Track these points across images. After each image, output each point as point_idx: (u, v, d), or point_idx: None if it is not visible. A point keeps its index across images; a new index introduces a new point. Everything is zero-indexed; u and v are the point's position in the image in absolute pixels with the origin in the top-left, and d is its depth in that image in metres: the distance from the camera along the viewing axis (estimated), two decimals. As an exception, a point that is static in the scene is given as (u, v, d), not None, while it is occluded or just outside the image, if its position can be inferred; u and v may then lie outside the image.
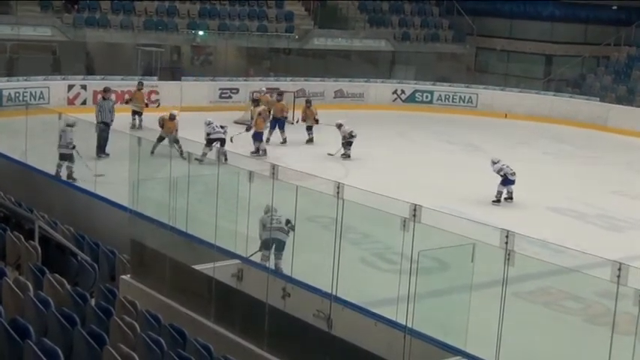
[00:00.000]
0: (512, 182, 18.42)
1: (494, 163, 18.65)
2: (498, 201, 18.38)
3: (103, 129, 19.88)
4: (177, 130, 20.15)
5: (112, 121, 21.12)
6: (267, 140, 23.37)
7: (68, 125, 17.47)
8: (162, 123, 20.64)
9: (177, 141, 18.70)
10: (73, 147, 17.59)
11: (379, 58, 35.04)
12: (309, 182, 8.92)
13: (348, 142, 22.23)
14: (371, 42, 34.09)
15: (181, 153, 16.93)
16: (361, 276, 12.47)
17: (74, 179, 17.30)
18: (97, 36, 29.13)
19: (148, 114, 23.74)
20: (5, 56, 28.04)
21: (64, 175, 17.52)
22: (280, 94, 25.54)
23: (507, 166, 18.49)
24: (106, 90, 22.25)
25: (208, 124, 20.64)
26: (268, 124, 23.52)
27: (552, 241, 8.59)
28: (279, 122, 24.04)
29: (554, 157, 24.58)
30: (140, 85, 24.83)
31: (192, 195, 9.75)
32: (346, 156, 22.15)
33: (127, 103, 24.69)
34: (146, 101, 24.75)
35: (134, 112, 24.11)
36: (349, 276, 8.47)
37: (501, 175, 18.43)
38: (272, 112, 24.13)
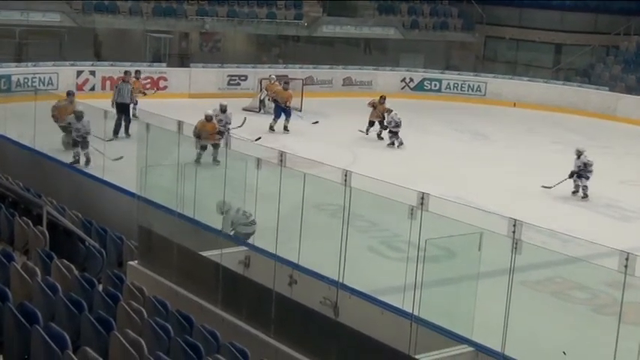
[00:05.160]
0: (587, 178, 18.47)
1: (580, 154, 18.60)
2: (586, 196, 18.42)
3: (121, 110, 20.85)
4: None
5: (131, 102, 21.55)
6: (272, 128, 23.31)
7: (77, 117, 17.57)
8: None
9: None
10: (87, 134, 17.51)
11: (388, 46, 34.93)
12: (317, 170, 8.90)
13: (392, 131, 22.35)
14: (380, 30, 33.98)
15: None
16: (368, 264, 12.46)
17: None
18: (106, 22, 29.08)
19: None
20: (14, 42, 28.04)
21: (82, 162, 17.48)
22: (287, 82, 25.12)
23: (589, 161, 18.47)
24: (126, 73, 22.57)
25: (215, 115, 20.42)
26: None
27: (560, 230, 8.55)
28: (285, 111, 23.61)
29: (562, 147, 24.45)
30: (138, 73, 23.93)
31: (200, 181, 9.76)
32: (395, 143, 22.40)
33: None
34: (144, 90, 23.99)
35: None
36: (356, 264, 8.48)
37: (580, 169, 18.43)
38: (278, 100, 23.81)
